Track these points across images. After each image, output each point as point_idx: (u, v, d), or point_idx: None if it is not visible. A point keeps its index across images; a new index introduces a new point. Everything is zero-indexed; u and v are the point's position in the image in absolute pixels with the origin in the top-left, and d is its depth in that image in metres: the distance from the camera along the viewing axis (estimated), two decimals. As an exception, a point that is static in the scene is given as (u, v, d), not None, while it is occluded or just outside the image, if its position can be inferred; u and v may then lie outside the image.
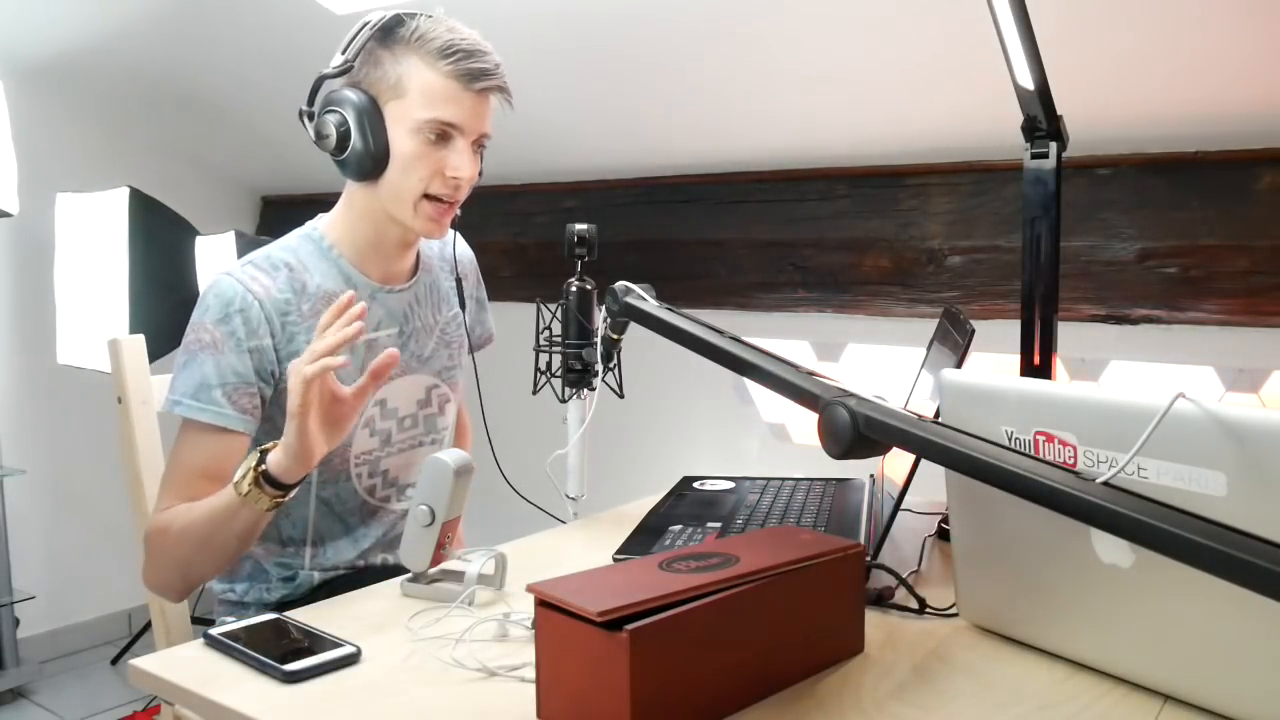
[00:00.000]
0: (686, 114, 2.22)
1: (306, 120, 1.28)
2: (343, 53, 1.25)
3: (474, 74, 1.23)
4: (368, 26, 1.25)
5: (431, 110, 1.23)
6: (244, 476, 1.11)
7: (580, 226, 1.31)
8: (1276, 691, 0.73)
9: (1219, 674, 0.77)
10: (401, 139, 1.24)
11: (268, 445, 1.13)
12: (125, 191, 2.41)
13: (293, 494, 1.14)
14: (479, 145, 1.29)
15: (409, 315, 1.37)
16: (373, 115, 1.23)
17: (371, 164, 1.24)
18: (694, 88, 2.11)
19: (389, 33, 1.25)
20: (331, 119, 1.24)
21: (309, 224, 1.35)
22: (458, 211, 1.32)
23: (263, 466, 1.11)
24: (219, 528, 1.15)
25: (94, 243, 2.47)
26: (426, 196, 1.26)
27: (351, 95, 1.24)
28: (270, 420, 1.28)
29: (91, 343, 2.45)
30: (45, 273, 2.62)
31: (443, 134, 1.24)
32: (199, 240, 2.52)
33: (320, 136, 1.25)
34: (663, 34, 1.96)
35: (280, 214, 3.35)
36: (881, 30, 1.76)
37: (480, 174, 1.34)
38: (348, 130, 1.23)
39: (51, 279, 2.60)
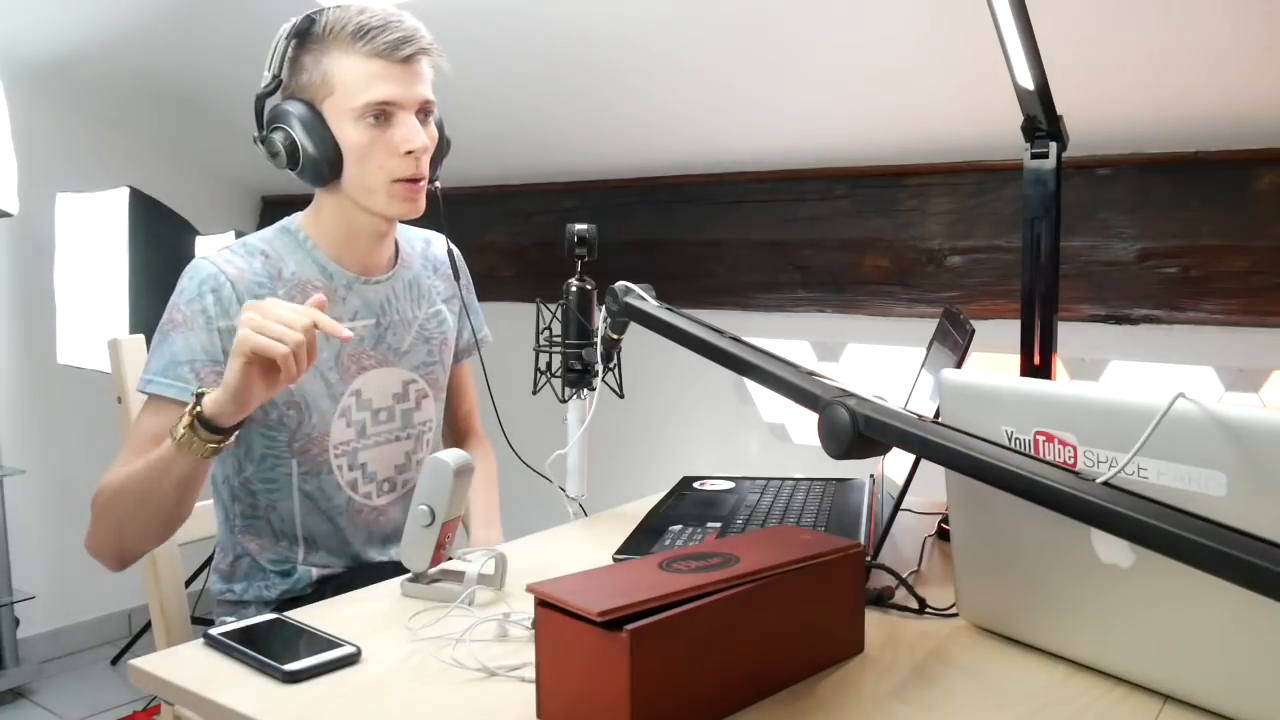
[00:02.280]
0: (687, 114, 2.22)
1: (258, 142, 1.28)
2: (268, 68, 1.26)
3: (393, 45, 1.23)
4: (282, 36, 1.25)
5: (364, 94, 1.23)
6: (180, 420, 1.10)
7: (580, 226, 1.31)
8: (1276, 691, 0.73)
9: (1219, 674, 0.77)
10: (347, 132, 1.25)
11: (203, 390, 1.12)
12: (125, 191, 2.42)
13: (229, 442, 1.13)
14: (425, 113, 1.29)
15: (386, 308, 1.38)
16: (314, 120, 1.24)
17: (328, 168, 1.25)
18: (694, 88, 2.11)
19: (304, 35, 1.25)
20: (277, 136, 1.25)
21: (286, 219, 1.37)
22: (438, 184, 1.33)
23: (198, 408, 1.10)
24: (156, 481, 1.14)
25: (94, 243, 2.48)
26: (394, 180, 1.27)
27: (289, 107, 1.25)
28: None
29: (91, 343, 2.46)
30: (45, 273, 2.63)
31: (383, 114, 1.24)
32: (199, 240, 2.52)
33: (272, 155, 1.26)
34: (662, 34, 1.96)
35: (280, 214, 3.31)
36: (882, 30, 1.76)
37: (448, 142, 1.35)
38: (294, 143, 1.24)
39: (51, 279, 2.60)
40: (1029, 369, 1.21)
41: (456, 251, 1.53)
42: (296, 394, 1.29)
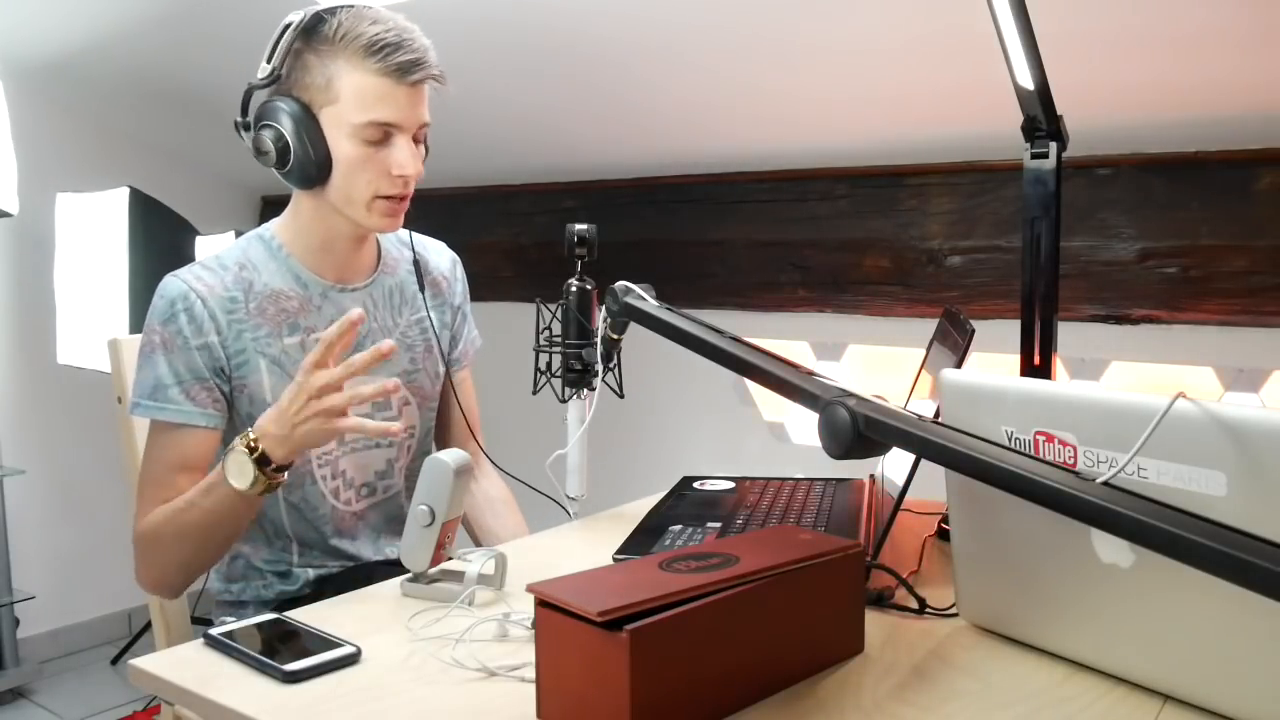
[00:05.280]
0: (688, 114, 2.22)
1: (242, 132, 1.26)
2: (268, 60, 1.22)
3: (405, 68, 1.20)
4: (289, 29, 1.21)
5: (367, 113, 1.20)
6: (243, 473, 1.12)
7: (580, 226, 1.31)
8: (1276, 691, 0.73)
9: (1219, 674, 0.77)
10: (341, 144, 1.22)
11: (250, 437, 1.13)
12: (125, 191, 2.42)
13: (287, 473, 1.17)
14: (420, 136, 1.28)
15: (365, 316, 1.36)
16: (309, 124, 1.21)
17: (316, 172, 1.23)
18: (694, 88, 2.11)
19: (311, 32, 1.21)
20: (268, 134, 1.22)
21: (262, 226, 1.35)
22: None
23: (257, 454, 1.12)
24: (220, 522, 1.17)
25: (94, 243, 2.48)
26: (378, 197, 1.25)
27: (285, 105, 1.21)
28: (236, 419, 1.28)
29: (91, 343, 2.45)
30: (45, 273, 2.62)
31: (383, 134, 1.22)
32: (199, 240, 2.52)
33: (259, 152, 1.23)
34: (663, 35, 1.96)
35: (280, 214, 3.35)
36: (882, 30, 1.76)
37: (427, 149, 1.33)
38: (286, 144, 1.21)
39: (51, 279, 2.60)
40: (1029, 369, 1.21)
41: (452, 260, 1.52)
42: None
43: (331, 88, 1.21)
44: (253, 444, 1.12)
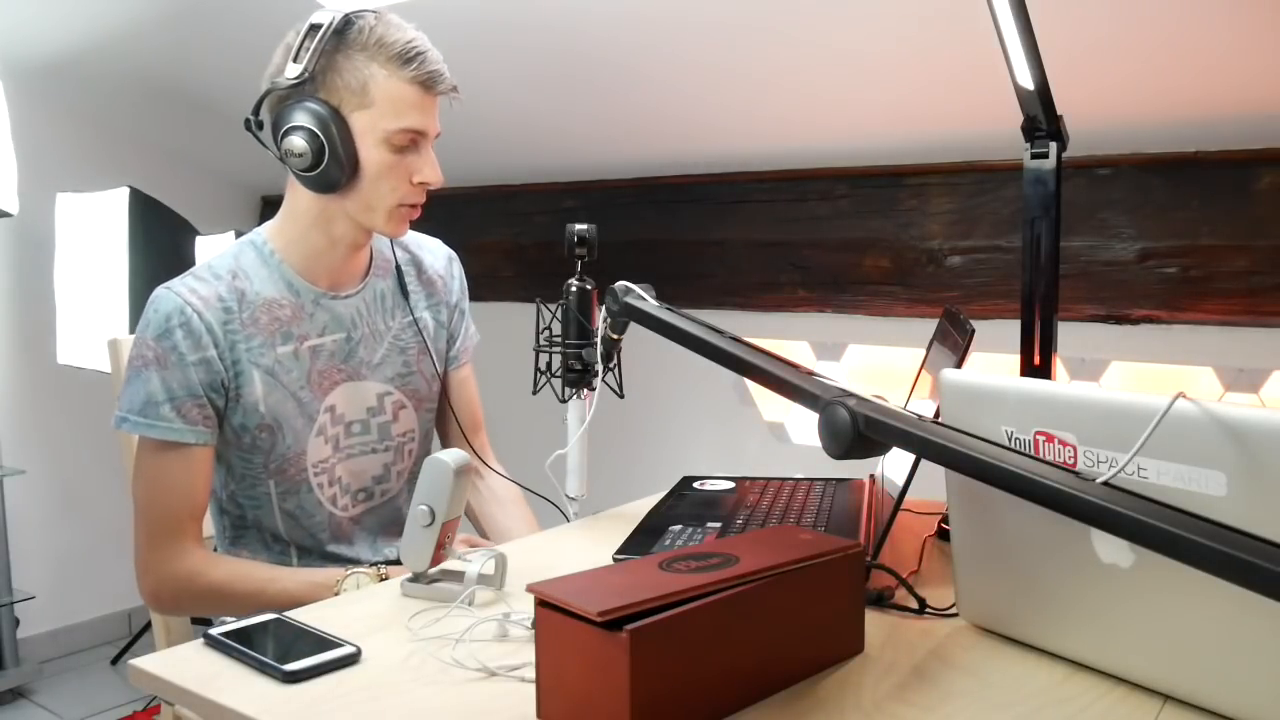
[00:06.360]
0: (686, 114, 2.22)
1: (261, 133, 1.24)
2: (294, 59, 1.20)
3: (435, 78, 1.22)
4: (319, 30, 1.20)
5: (400, 120, 1.21)
6: (356, 585, 1.17)
7: (580, 226, 1.31)
8: (1276, 691, 0.73)
9: (1219, 674, 0.76)
10: (370, 150, 1.22)
11: (383, 572, 1.19)
12: (125, 191, 2.42)
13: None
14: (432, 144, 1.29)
15: (356, 321, 1.35)
16: (341, 129, 1.21)
17: (345, 179, 1.22)
18: (694, 88, 2.11)
19: (340, 35, 1.21)
20: (301, 136, 1.20)
21: (254, 230, 1.34)
22: None
23: (383, 577, 1.19)
24: (291, 603, 1.21)
25: (94, 243, 2.48)
26: (400, 205, 1.26)
27: (317, 108, 1.20)
28: (228, 430, 1.27)
29: (91, 343, 2.46)
30: (45, 272, 2.63)
31: (410, 141, 1.23)
32: (199, 240, 2.53)
33: (291, 155, 1.21)
34: (663, 35, 1.96)
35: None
36: (882, 30, 1.76)
37: None
38: (322, 146, 1.20)
39: (51, 279, 2.60)
40: (1029, 369, 1.21)
41: (448, 256, 1.52)
42: (269, 417, 1.27)
43: (366, 92, 1.21)
44: (384, 576, 1.18)
